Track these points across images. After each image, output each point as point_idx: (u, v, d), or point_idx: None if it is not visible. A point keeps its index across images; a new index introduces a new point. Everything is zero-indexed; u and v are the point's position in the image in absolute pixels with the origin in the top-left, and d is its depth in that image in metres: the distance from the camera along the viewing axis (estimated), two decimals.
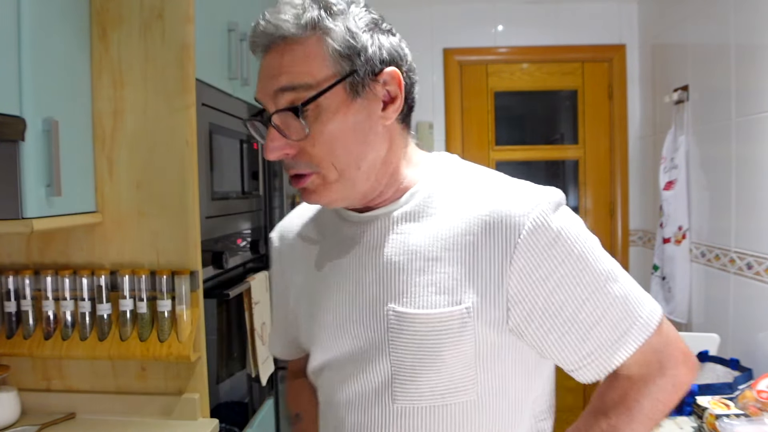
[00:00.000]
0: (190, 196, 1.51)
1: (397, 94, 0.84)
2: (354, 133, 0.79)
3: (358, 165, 0.80)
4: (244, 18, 1.99)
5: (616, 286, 0.80)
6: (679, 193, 2.43)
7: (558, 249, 0.77)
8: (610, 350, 0.80)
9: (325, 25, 0.77)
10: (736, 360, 1.91)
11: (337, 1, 0.80)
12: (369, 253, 0.83)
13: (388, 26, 0.87)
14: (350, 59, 0.78)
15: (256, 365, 1.86)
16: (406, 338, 0.79)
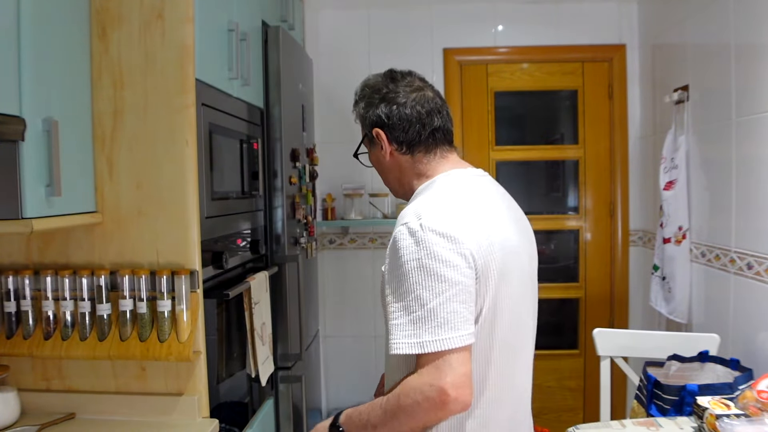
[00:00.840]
0: (190, 196, 1.51)
1: (382, 140, 1.31)
2: (377, 163, 1.37)
3: (386, 180, 1.38)
4: (244, 18, 1.99)
5: (417, 304, 1.08)
6: (679, 193, 2.43)
7: (392, 259, 1.14)
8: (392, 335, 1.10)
9: (354, 109, 1.42)
10: (737, 360, 1.91)
11: (357, 94, 1.41)
12: None
13: (404, 101, 1.30)
14: (363, 126, 1.37)
15: (256, 365, 1.86)
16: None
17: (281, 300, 2.26)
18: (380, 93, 1.30)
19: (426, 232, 1.09)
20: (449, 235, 1.09)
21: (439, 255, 1.07)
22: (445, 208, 1.15)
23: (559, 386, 3.21)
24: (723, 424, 1.41)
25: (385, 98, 1.29)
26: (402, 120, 1.27)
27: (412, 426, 1.09)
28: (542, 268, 3.57)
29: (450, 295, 1.07)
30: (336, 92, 3.18)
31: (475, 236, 1.11)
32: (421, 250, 1.08)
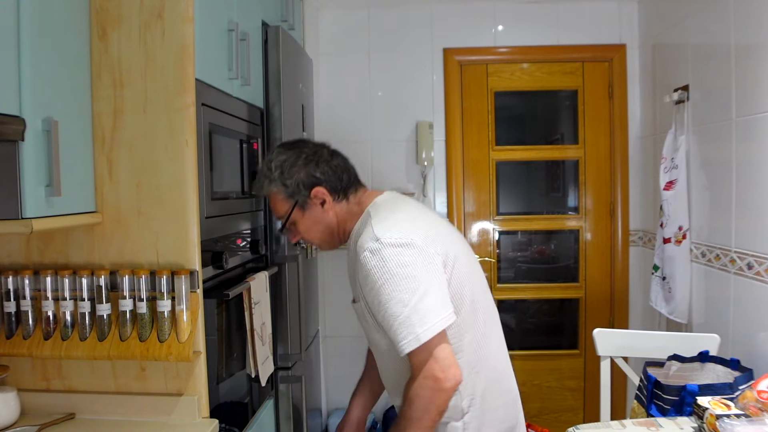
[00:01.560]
0: (190, 196, 1.51)
1: (325, 198, 1.44)
2: (316, 224, 1.47)
3: (322, 238, 1.50)
4: (244, 18, 1.98)
5: (402, 307, 1.28)
6: (679, 193, 2.43)
7: (369, 280, 1.31)
8: (397, 338, 1.29)
9: (270, 186, 1.46)
10: (737, 360, 1.91)
11: (270, 170, 1.44)
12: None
13: (319, 158, 1.45)
14: (291, 196, 1.44)
15: (256, 365, 1.86)
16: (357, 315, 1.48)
17: (281, 300, 2.26)
18: (301, 158, 1.44)
19: (386, 248, 1.29)
20: (406, 242, 1.30)
21: (403, 262, 1.28)
22: (391, 222, 1.35)
23: (559, 386, 3.21)
24: (723, 425, 1.41)
25: (310, 160, 1.44)
26: (335, 171, 1.45)
27: (432, 418, 1.29)
28: (542, 268, 3.56)
29: (424, 288, 1.28)
30: (336, 92, 3.18)
31: (424, 233, 1.34)
32: (387, 264, 1.28)
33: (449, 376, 1.27)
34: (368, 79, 3.18)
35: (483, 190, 3.21)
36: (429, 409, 1.28)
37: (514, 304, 3.36)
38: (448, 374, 1.27)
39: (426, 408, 1.28)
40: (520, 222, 3.31)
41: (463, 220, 3.21)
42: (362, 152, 3.19)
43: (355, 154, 3.14)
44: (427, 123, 3.11)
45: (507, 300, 3.28)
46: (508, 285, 3.25)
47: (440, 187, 3.19)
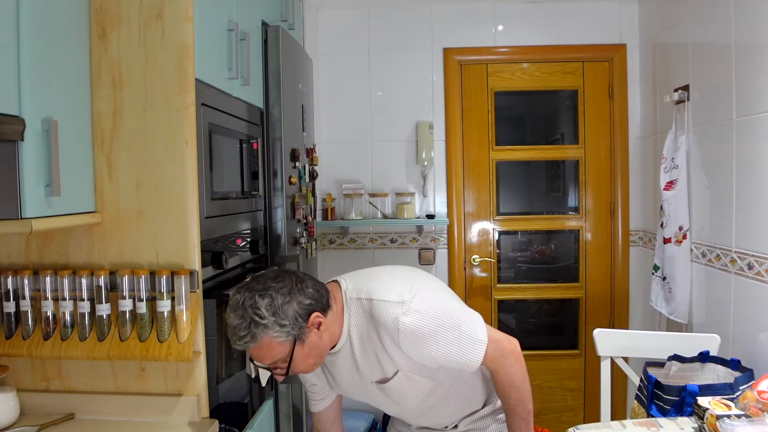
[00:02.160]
0: (190, 196, 1.51)
1: (320, 321, 1.40)
2: (314, 351, 1.41)
3: (317, 363, 1.45)
4: (244, 18, 1.98)
5: (456, 331, 1.43)
6: (679, 193, 2.43)
7: (418, 336, 1.40)
8: (466, 359, 1.45)
9: (266, 334, 1.33)
10: (737, 360, 1.90)
11: (261, 316, 1.32)
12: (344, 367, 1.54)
13: (299, 286, 1.39)
14: (289, 334, 1.35)
15: (256, 366, 1.86)
16: (389, 391, 1.52)
17: None
18: (289, 294, 1.36)
19: (411, 302, 1.40)
20: (413, 285, 1.44)
21: (427, 298, 1.43)
22: (386, 284, 1.46)
23: (559, 386, 3.21)
24: (724, 425, 1.41)
25: (293, 290, 1.38)
26: (316, 290, 1.41)
27: (528, 384, 1.52)
28: (542, 268, 3.55)
29: (453, 304, 1.48)
30: (336, 92, 3.18)
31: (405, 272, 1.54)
32: (420, 312, 1.40)
33: (513, 342, 1.50)
34: (368, 79, 3.18)
35: (483, 190, 3.21)
36: (525, 377, 1.50)
37: (514, 304, 3.36)
38: (512, 341, 1.50)
39: (524, 377, 1.49)
40: (520, 222, 3.31)
41: (463, 220, 3.20)
42: (362, 152, 3.19)
43: (355, 154, 3.20)
44: (427, 123, 3.11)
45: (507, 300, 3.28)
46: (508, 285, 3.25)
47: (440, 187, 3.19)
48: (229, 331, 1.35)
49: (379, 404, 1.63)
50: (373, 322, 1.42)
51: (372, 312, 1.42)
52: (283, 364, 1.39)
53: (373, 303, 1.42)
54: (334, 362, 1.53)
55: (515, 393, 1.49)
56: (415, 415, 1.64)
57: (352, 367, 1.51)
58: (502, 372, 1.48)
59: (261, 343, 1.34)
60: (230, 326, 1.33)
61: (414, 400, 1.55)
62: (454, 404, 1.62)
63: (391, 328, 1.39)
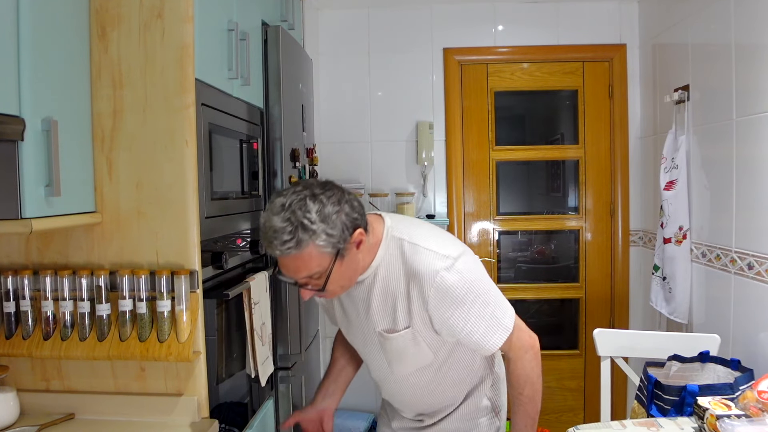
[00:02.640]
0: (190, 196, 1.51)
1: (362, 239, 1.31)
2: (348, 270, 1.32)
3: (353, 281, 1.37)
4: (244, 18, 1.98)
5: (489, 308, 1.38)
6: (679, 193, 2.43)
7: (449, 297, 1.34)
8: (486, 339, 1.39)
9: (312, 242, 1.23)
10: (737, 360, 1.90)
11: (311, 221, 1.22)
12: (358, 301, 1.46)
13: (347, 197, 1.30)
14: (334, 246, 1.25)
15: (256, 365, 1.86)
16: (389, 345, 1.44)
17: (281, 300, 2.26)
18: (338, 204, 1.27)
19: (457, 261, 1.34)
20: (464, 250, 1.39)
21: (470, 267, 1.37)
22: (439, 239, 1.40)
23: (559, 386, 3.21)
24: (724, 425, 1.41)
25: (343, 202, 1.29)
26: (362, 209, 1.33)
27: (541, 381, 1.46)
28: (542, 268, 3.55)
29: (490, 284, 1.42)
30: (336, 92, 3.18)
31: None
32: (463, 275, 1.34)
33: (534, 338, 1.46)
34: (368, 79, 3.18)
35: (483, 190, 3.21)
36: (540, 375, 1.45)
37: (514, 304, 3.30)
38: (533, 337, 1.46)
39: (539, 375, 1.45)
40: (520, 222, 3.31)
41: (463, 220, 3.20)
42: (362, 152, 3.19)
43: (355, 154, 3.20)
44: (427, 123, 3.11)
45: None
46: (508, 285, 3.24)
47: (440, 187, 3.19)
48: (267, 234, 1.23)
49: (370, 359, 1.54)
50: (408, 267, 1.35)
51: (412, 257, 1.34)
52: (317, 280, 1.29)
53: (417, 248, 1.34)
54: (349, 293, 1.44)
55: (529, 389, 1.44)
56: (398, 387, 1.55)
57: (365, 305, 1.42)
58: (520, 363, 1.43)
59: (303, 252, 1.22)
60: (271, 229, 1.22)
61: (406, 368, 1.47)
62: (437, 395, 1.55)
63: (427, 280, 1.32)
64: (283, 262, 1.26)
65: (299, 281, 1.29)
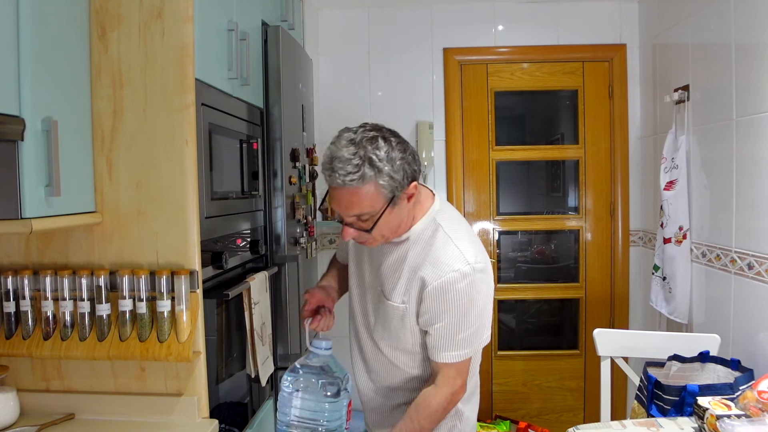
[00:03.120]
0: (190, 196, 1.51)
1: (414, 193, 1.33)
2: (395, 220, 1.32)
3: (396, 233, 1.36)
4: (244, 18, 1.98)
5: (466, 331, 1.37)
6: (679, 193, 2.43)
7: (448, 295, 1.33)
8: (438, 350, 1.39)
9: (375, 179, 1.24)
10: (737, 360, 1.90)
11: (379, 158, 1.24)
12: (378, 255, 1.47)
13: (411, 149, 1.32)
14: (391, 191, 1.27)
15: (256, 365, 1.86)
16: (382, 309, 1.44)
17: (281, 300, 2.26)
18: (404, 152, 1.29)
19: (475, 273, 1.33)
20: (485, 269, 1.37)
21: (481, 289, 1.36)
22: (474, 245, 1.38)
23: (559, 386, 3.21)
24: (724, 425, 1.41)
25: (408, 152, 1.31)
26: (419, 167, 1.35)
27: (437, 423, 1.43)
28: (542, 268, 3.56)
29: (484, 316, 1.41)
30: (336, 92, 3.18)
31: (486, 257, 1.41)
32: (471, 289, 1.33)
33: (462, 392, 1.44)
34: (368, 79, 3.18)
35: (483, 190, 3.21)
36: (439, 416, 1.42)
37: (514, 304, 3.36)
38: (463, 391, 1.44)
39: (438, 415, 1.41)
40: (520, 222, 3.31)
41: None
42: None
43: None
44: (427, 123, 3.11)
45: (507, 300, 3.28)
46: (509, 285, 3.25)
47: (440, 187, 3.19)
48: (332, 164, 1.24)
49: (359, 309, 1.55)
50: (431, 253, 1.35)
51: (440, 246, 1.35)
52: (365, 223, 1.29)
53: (449, 242, 1.35)
54: (370, 248, 1.44)
55: (426, 422, 1.39)
56: (371, 355, 1.54)
57: (379, 262, 1.44)
58: (434, 390, 1.39)
59: (363, 188, 1.24)
60: (338, 158, 1.24)
61: (387, 338, 1.46)
62: (393, 378, 1.52)
63: (440, 270, 1.32)
64: (338, 194, 1.27)
65: (347, 219, 1.29)
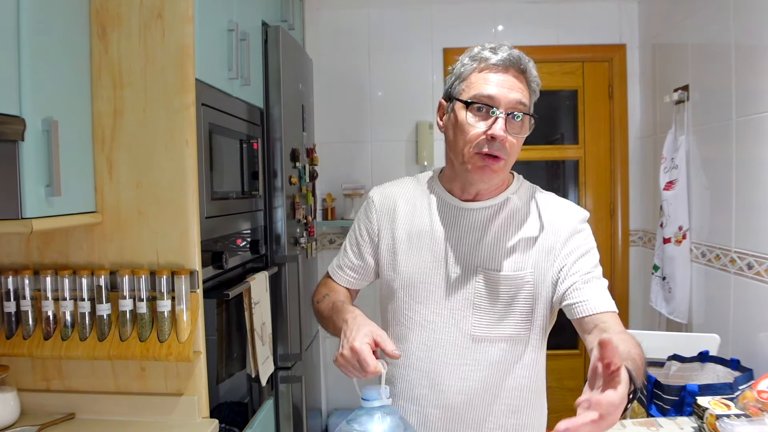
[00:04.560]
0: (190, 196, 1.51)
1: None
2: (519, 145, 1.20)
3: (508, 168, 1.23)
4: (244, 18, 1.98)
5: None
6: (679, 193, 2.43)
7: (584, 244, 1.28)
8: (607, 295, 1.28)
9: (534, 84, 1.24)
10: (737, 360, 1.91)
11: (529, 64, 1.25)
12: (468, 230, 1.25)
13: None
14: (532, 105, 1.22)
15: (256, 365, 1.86)
16: (489, 288, 1.23)
17: (281, 300, 2.26)
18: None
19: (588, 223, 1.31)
20: None
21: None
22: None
23: (559, 386, 3.20)
24: (723, 425, 1.41)
25: None
26: None
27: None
28: None
29: None
30: (336, 92, 3.18)
31: None
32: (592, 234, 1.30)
33: None
34: (368, 79, 3.18)
35: None
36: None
37: None
38: None
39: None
40: None
41: None
42: (362, 152, 3.19)
43: (355, 154, 3.19)
44: (427, 123, 3.11)
45: None
46: None
47: None
48: (492, 47, 1.24)
49: (435, 310, 1.23)
50: (544, 210, 1.28)
51: (549, 202, 1.30)
52: (518, 122, 1.18)
53: (552, 198, 1.32)
54: (457, 221, 1.24)
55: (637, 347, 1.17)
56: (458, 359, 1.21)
57: (476, 235, 1.22)
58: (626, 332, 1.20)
59: (526, 80, 1.23)
60: (496, 46, 1.24)
61: (493, 327, 1.20)
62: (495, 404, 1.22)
63: (566, 216, 1.27)
64: (498, 75, 1.20)
65: (505, 105, 1.16)
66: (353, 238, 1.40)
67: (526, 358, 1.23)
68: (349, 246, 1.40)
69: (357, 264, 1.37)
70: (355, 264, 1.37)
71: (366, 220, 1.37)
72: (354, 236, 1.40)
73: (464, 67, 1.25)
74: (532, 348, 1.24)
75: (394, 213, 1.32)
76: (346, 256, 1.39)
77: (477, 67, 1.22)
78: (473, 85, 1.20)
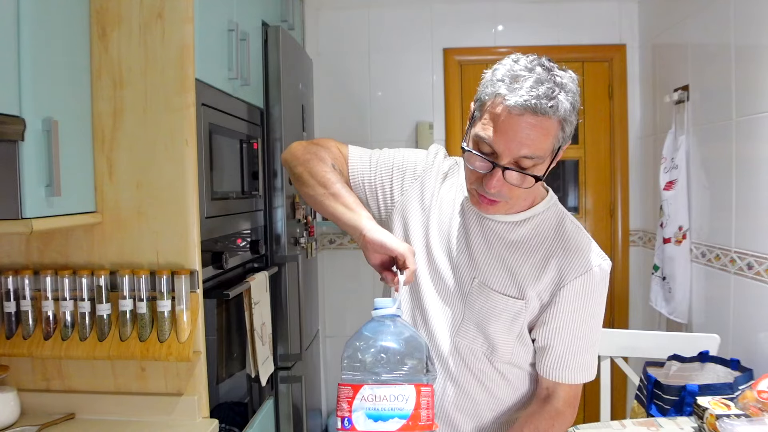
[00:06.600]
0: (190, 196, 1.51)
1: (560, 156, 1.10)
2: (531, 187, 1.07)
3: (520, 207, 1.16)
4: (244, 18, 1.99)
5: (594, 340, 1.21)
6: (679, 193, 2.43)
7: (586, 297, 1.15)
8: (569, 365, 1.19)
9: (566, 117, 1.01)
10: (737, 360, 1.91)
11: (569, 89, 1.02)
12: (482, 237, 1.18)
13: None
14: (562, 139, 1.05)
15: (256, 365, 1.86)
16: (480, 303, 1.17)
17: (281, 300, 2.26)
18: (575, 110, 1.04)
19: (607, 276, 1.18)
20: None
21: (605, 294, 1.19)
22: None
23: None
24: (723, 425, 1.41)
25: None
26: None
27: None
28: None
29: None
30: (336, 92, 3.18)
31: None
32: (604, 292, 1.18)
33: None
34: (368, 79, 3.18)
35: None
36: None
37: None
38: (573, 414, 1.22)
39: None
40: None
41: None
42: None
43: None
44: (427, 123, 3.11)
45: None
46: None
47: None
48: (517, 80, 1.00)
49: (435, 313, 1.20)
50: (565, 241, 1.15)
51: (574, 234, 1.16)
52: (519, 174, 1.03)
53: (581, 232, 1.18)
54: (481, 223, 1.18)
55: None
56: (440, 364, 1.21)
57: (487, 246, 1.17)
58: (560, 419, 1.18)
59: (550, 120, 1.00)
60: (524, 77, 1.01)
61: (477, 343, 1.18)
62: (493, 407, 1.24)
63: (580, 264, 1.13)
64: (511, 123, 1.00)
65: (505, 160, 1.02)
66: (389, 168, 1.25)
67: (514, 377, 1.24)
68: (384, 168, 1.26)
69: (374, 184, 1.26)
70: (372, 183, 1.25)
71: (412, 176, 1.25)
72: (391, 167, 1.25)
73: (485, 91, 1.06)
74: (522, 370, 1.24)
75: (439, 193, 1.23)
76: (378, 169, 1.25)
77: (492, 101, 1.03)
78: (481, 124, 1.05)
